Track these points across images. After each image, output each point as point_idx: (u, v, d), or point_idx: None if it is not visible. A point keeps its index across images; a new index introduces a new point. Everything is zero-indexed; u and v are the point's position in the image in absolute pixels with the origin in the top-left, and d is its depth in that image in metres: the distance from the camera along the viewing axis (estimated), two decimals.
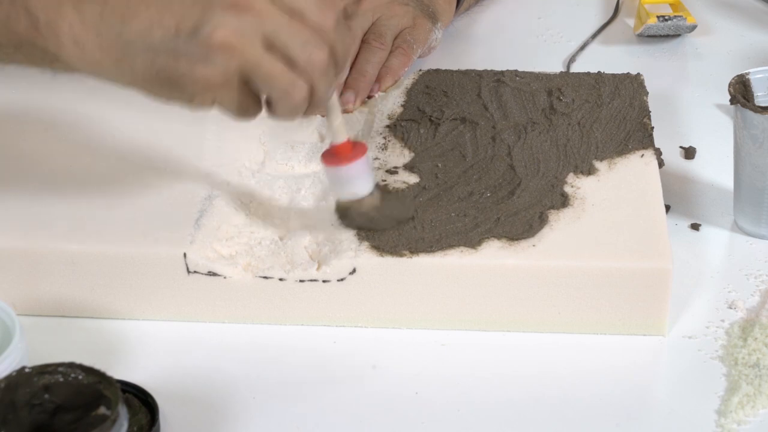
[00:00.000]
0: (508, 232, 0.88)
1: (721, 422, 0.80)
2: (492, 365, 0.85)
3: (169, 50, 0.77)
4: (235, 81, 0.78)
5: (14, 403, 0.74)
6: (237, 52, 0.77)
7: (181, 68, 0.78)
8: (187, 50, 0.77)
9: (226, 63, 0.77)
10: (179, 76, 0.78)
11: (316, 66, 0.79)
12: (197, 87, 0.78)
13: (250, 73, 0.78)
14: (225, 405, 0.81)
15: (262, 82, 0.79)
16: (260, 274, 0.87)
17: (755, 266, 0.94)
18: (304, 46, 0.78)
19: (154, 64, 0.78)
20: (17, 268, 0.88)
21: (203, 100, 0.79)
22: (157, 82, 0.79)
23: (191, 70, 0.77)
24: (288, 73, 0.78)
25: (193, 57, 0.77)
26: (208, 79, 0.78)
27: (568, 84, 1.05)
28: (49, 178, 0.94)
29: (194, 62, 0.77)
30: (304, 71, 0.79)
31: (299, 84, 0.79)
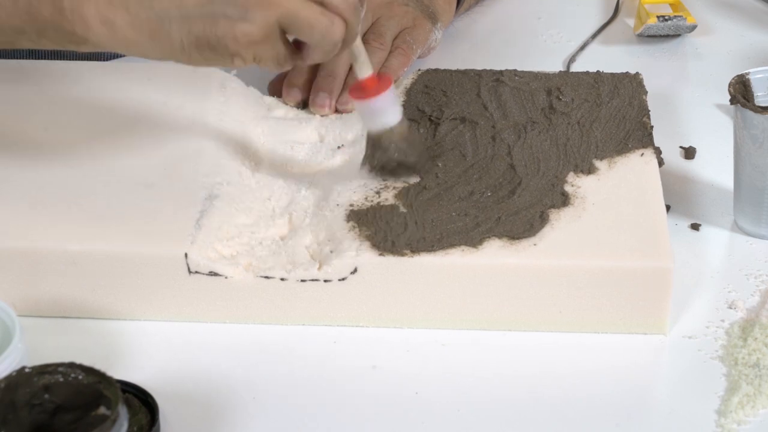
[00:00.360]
0: (508, 232, 0.88)
1: (721, 422, 0.80)
2: (492, 365, 0.85)
3: (205, 15, 0.79)
4: (275, 34, 0.81)
5: (14, 403, 0.74)
6: (274, 4, 0.80)
7: (221, 30, 0.79)
8: (225, 11, 0.79)
9: (266, 16, 0.80)
10: (220, 38, 0.79)
11: (349, 3, 0.83)
12: (239, 46, 0.80)
13: (290, 22, 0.81)
14: (225, 405, 0.81)
15: (302, 28, 0.81)
16: (261, 274, 0.87)
17: (755, 266, 0.94)
18: None
19: (191, 31, 0.79)
20: (17, 269, 0.88)
21: (246, 57, 0.81)
22: (196, 49, 0.80)
23: (232, 30, 0.79)
24: (326, 14, 0.81)
25: (231, 17, 0.79)
26: (249, 35, 0.79)
27: (568, 83, 1.05)
28: (49, 178, 0.94)
29: (234, 22, 0.79)
30: (338, 10, 0.82)
31: (337, 22, 0.82)
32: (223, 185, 0.93)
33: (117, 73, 1.06)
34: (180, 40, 0.80)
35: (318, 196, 0.93)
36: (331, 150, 0.99)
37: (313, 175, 0.96)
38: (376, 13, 1.10)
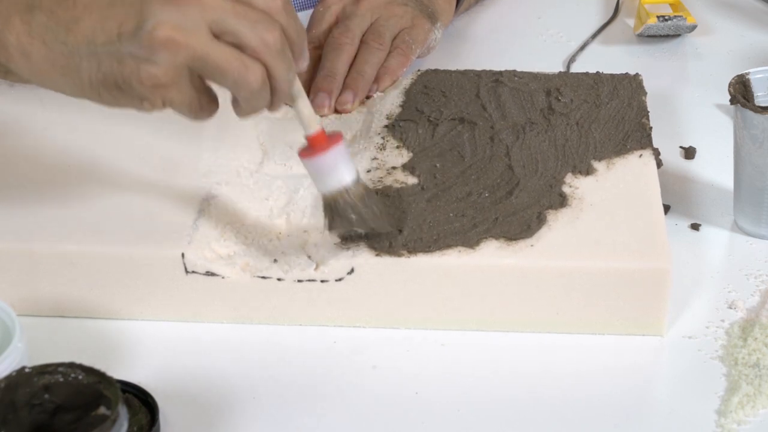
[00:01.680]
0: (506, 232, 0.88)
1: (721, 422, 0.80)
2: (492, 365, 0.85)
3: (112, 54, 0.76)
4: (184, 77, 0.77)
5: (14, 403, 0.74)
6: (182, 46, 0.75)
7: (127, 70, 0.76)
8: (131, 51, 0.76)
9: (172, 59, 0.75)
10: (125, 78, 0.76)
11: (270, 46, 0.77)
12: (144, 88, 0.76)
13: (200, 65, 0.76)
14: (225, 405, 0.81)
15: (213, 72, 0.76)
16: (258, 274, 0.87)
17: (755, 266, 0.94)
18: (253, 27, 0.76)
19: (99, 69, 0.77)
20: (17, 269, 0.88)
21: (153, 102, 0.78)
22: (105, 88, 0.78)
23: (137, 71, 0.76)
24: (240, 57, 0.76)
25: (137, 57, 0.76)
26: (155, 78, 0.76)
27: (567, 84, 1.05)
28: (49, 178, 0.94)
29: (139, 63, 0.76)
30: (257, 53, 0.77)
31: (253, 67, 0.77)
32: (221, 185, 0.93)
33: None
34: (89, 78, 0.78)
35: (316, 196, 0.93)
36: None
37: None
38: (375, 13, 1.11)
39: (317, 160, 0.83)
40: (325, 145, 0.83)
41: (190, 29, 0.75)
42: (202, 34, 0.76)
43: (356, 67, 1.07)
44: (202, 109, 0.79)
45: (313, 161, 0.84)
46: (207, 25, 0.76)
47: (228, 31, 0.76)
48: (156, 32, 0.75)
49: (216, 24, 0.76)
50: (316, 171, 0.84)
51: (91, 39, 0.77)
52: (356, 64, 1.07)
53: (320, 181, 0.84)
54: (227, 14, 0.76)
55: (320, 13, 1.13)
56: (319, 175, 0.84)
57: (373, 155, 0.97)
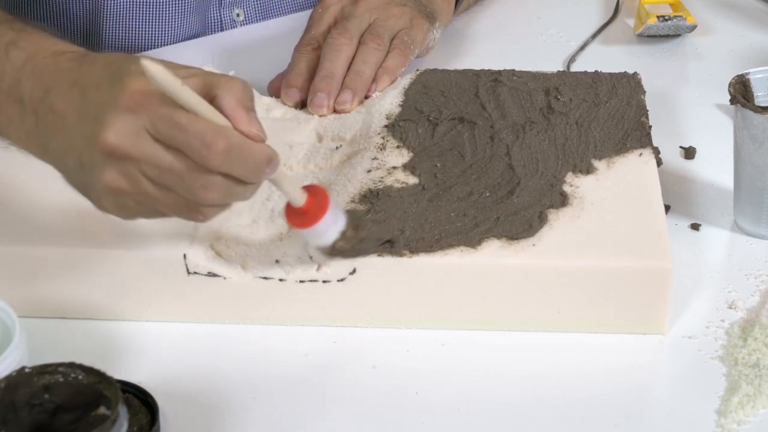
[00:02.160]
0: (507, 232, 0.88)
1: (721, 422, 0.80)
2: (492, 365, 0.85)
3: (79, 178, 0.79)
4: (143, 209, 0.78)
5: (14, 403, 0.74)
6: (127, 193, 0.77)
7: (92, 196, 0.79)
8: (92, 184, 0.78)
9: (124, 201, 0.77)
10: (93, 201, 0.79)
11: (210, 202, 0.77)
12: (111, 213, 0.79)
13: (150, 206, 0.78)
14: (225, 405, 0.81)
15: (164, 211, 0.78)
16: (260, 274, 0.87)
17: (755, 266, 0.94)
18: (190, 189, 0.76)
19: (74, 184, 0.79)
20: (17, 269, 0.88)
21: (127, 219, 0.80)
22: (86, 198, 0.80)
23: (99, 200, 0.78)
24: (188, 204, 0.77)
25: (97, 191, 0.78)
26: (115, 211, 0.78)
27: (566, 83, 1.05)
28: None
29: (99, 194, 0.78)
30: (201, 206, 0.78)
31: (204, 211, 0.78)
32: None
33: None
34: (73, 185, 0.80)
35: None
36: (329, 150, 0.99)
37: (312, 176, 0.96)
38: (373, 13, 1.11)
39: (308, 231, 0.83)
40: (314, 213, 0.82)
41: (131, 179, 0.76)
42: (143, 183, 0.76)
43: (355, 68, 1.07)
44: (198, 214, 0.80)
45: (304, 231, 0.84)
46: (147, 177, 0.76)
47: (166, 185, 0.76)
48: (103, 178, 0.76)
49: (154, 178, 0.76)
50: (309, 236, 0.84)
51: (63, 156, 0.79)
52: (355, 64, 1.07)
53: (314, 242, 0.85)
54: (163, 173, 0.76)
55: (319, 14, 1.13)
56: (313, 237, 0.84)
57: (373, 155, 0.97)
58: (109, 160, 0.76)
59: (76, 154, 0.78)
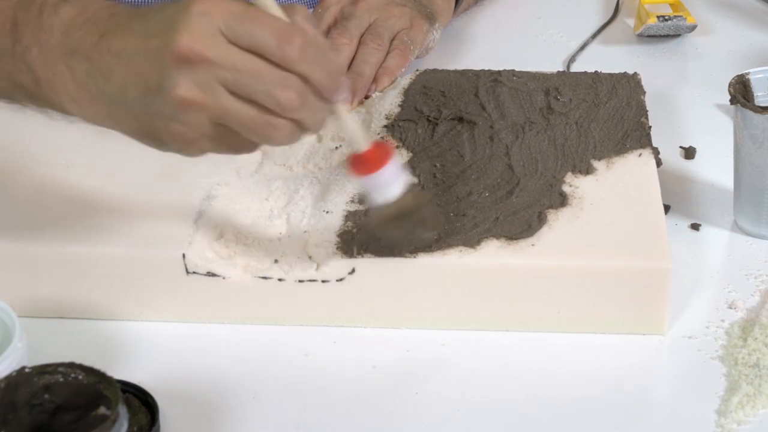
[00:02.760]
0: (507, 232, 0.88)
1: (721, 422, 0.80)
2: (491, 365, 0.85)
3: (143, 109, 0.76)
4: (214, 131, 0.76)
5: (14, 403, 0.74)
6: (202, 106, 0.74)
7: (157, 126, 0.76)
8: (159, 109, 0.75)
9: (196, 118, 0.75)
10: (158, 133, 0.76)
11: (287, 107, 0.75)
12: (177, 143, 0.76)
13: (224, 122, 0.75)
14: (225, 405, 0.81)
15: (237, 128, 0.76)
16: (259, 274, 0.87)
17: (755, 266, 0.94)
18: (267, 89, 0.74)
19: (136, 120, 0.77)
20: (17, 269, 0.88)
21: (192, 152, 0.77)
22: (144, 137, 0.78)
23: (166, 127, 0.76)
24: (262, 116, 0.75)
25: (164, 115, 0.75)
26: (184, 135, 0.76)
27: (566, 83, 1.05)
28: (49, 178, 0.94)
29: (167, 120, 0.75)
30: (277, 112, 0.75)
31: (278, 123, 0.75)
32: (221, 186, 0.93)
33: None
34: (129, 127, 0.78)
35: (316, 197, 0.93)
36: (329, 150, 0.99)
37: (311, 176, 0.96)
38: (373, 13, 1.11)
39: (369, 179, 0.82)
40: (376, 162, 0.81)
41: (207, 89, 0.74)
42: (219, 93, 0.74)
43: (355, 68, 1.07)
44: (244, 147, 0.78)
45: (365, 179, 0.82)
46: (222, 84, 0.75)
47: (244, 92, 0.75)
48: (175, 93, 0.74)
49: (231, 85, 0.75)
50: (369, 187, 0.82)
51: (123, 92, 0.76)
52: (355, 64, 1.07)
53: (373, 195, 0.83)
54: (240, 74, 0.74)
55: (319, 14, 1.13)
56: (372, 189, 0.82)
57: None
58: (182, 69, 0.74)
59: (141, 80, 0.75)
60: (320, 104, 0.77)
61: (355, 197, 0.92)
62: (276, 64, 0.74)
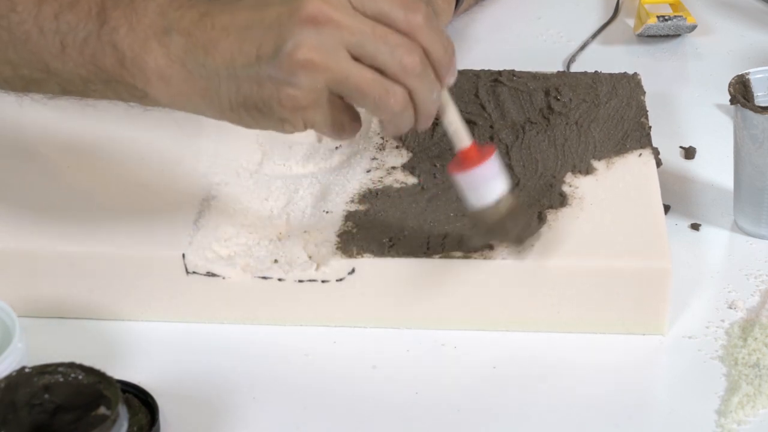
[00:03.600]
0: None
1: (721, 422, 0.80)
2: (492, 365, 0.85)
3: (252, 76, 0.75)
4: (325, 98, 0.76)
5: (14, 403, 0.74)
6: (321, 67, 0.74)
7: (266, 93, 0.75)
8: (270, 74, 0.75)
9: (312, 81, 0.75)
10: (265, 101, 0.76)
11: (410, 70, 0.76)
12: (285, 110, 0.76)
13: (340, 87, 0.75)
14: (225, 405, 0.81)
15: (353, 94, 0.76)
16: (259, 274, 0.87)
17: (755, 266, 0.94)
18: (392, 51, 0.75)
19: (239, 92, 0.76)
20: (16, 270, 0.88)
21: (295, 123, 0.77)
22: (245, 110, 0.77)
23: (277, 93, 0.75)
24: (380, 81, 0.75)
25: (276, 80, 0.75)
26: (295, 100, 0.75)
27: (566, 84, 1.05)
28: (48, 179, 0.94)
29: (279, 85, 0.75)
30: (397, 77, 0.76)
31: (394, 90, 0.76)
32: (220, 186, 0.93)
33: None
34: (228, 100, 0.77)
35: (316, 197, 0.93)
36: (329, 150, 0.99)
37: (311, 176, 0.96)
38: None
39: (467, 175, 0.81)
40: (477, 159, 0.80)
41: (330, 51, 0.74)
42: (341, 56, 0.75)
43: None
44: (344, 129, 0.78)
45: (463, 176, 0.81)
46: (346, 47, 0.75)
47: (367, 54, 0.75)
48: (295, 54, 0.74)
49: (355, 47, 0.75)
50: (467, 185, 0.81)
51: (230, 61, 0.76)
52: None
53: (471, 195, 0.82)
54: (366, 37, 0.75)
55: None
56: (469, 188, 0.81)
57: (373, 155, 0.97)
58: (307, 31, 0.74)
59: (253, 47, 0.75)
60: (435, 82, 0.78)
61: (355, 197, 0.92)
62: (401, 32, 0.76)
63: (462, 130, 0.81)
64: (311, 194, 0.94)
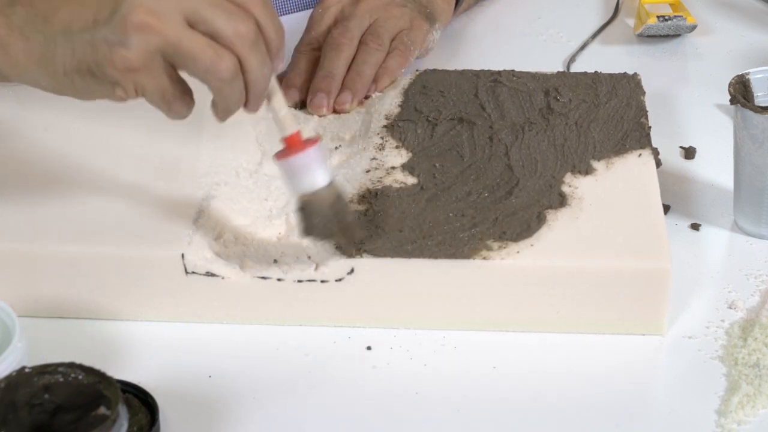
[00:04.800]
0: (506, 232, 0.88)
1: (721, 422, 0.80)
2: (491, 365, 0.85)
3: (87, 40, 0.78)
4: (157, 63, 0.78)
5: (14, 403, 0.74)
6: (155, 30, 0.77)
7: (100, 54, 0.78)
8: (105, 36, 0.77)
9: (145, 43, 0.77)
10: (98, 62, 0.78)
11: (244, 37, 0.78)
12: (117, 72, 0.78)
13: (172, 51, 0.77)
14: (225, 405, 0.82)
15: (185, 58, 0.78)
16: (258, 274, 0.87)
17: (755, 266, 0.94)
18: (227, 19, 0.77)
19: (73, 55, 0.79)
20: (16, 270, 0.88)
21: (126, 86, 0.79)
22: (78, 75, 0.79)
23: (110, 54, 0.77)
24: (213, 45, 0.77)
25: (110, 41, 0.77)
26: (127, 62, 0.77)
27: (565, 84, 1.05)
28: (48, 179, 0.94)
29: (112, 46, 0.77)
30: (231, 43, 0.78)
31: (225, 56, 0.77)
32: (220, 186, 0.93)
33: None
34: (63, 65, 0.79)
35: None
36: (328, 150, 1.00)
37: None
38: (373, 14, 1.11)
39: (289, 161, 0.83)
40: (300, 147, 0.83)
41: (165, 15, 0.77)
42: (176, 21, 0.77)
43: (355, 68, 1.07)
44: (175, 100, 0.80)
45: (285, 162, 0.83)
46: (182, 13, 0.77)
47: (202, 20, 0.78)
48: (130, 16, 0.77)
49: (191, 13, 0.77)
50: (289, 172, 0.84)
51: (67, 26, 0.79)
52: (355, 64, 1.07)
53: (293, 182, 0.84)
54: (203, 4, 0.78)
55: (319, 15, 1.13)
56: (292, 175, 0.84)
57: (372, 155, 0.97)
58: None
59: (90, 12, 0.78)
60: (267, 57, 0.79)
61: (354, 197, 0.92)
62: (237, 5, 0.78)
63: (288, 118, 0.83)
64: None
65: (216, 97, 0.80)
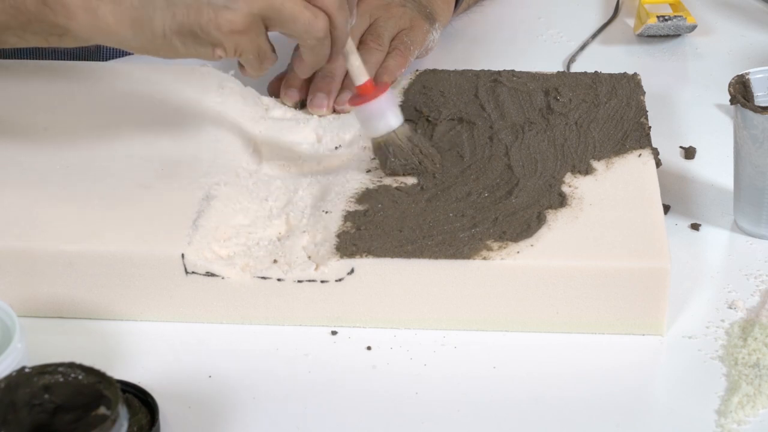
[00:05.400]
0: (506, 232, 0.88)
1: (721, 422, 0.80)
2: (492, 365, 0.85)
3: (190, 4, 0.82)
4: (257, 25, 0.84)
5: (14, 403, 0.74)
6: None
7: (204, 17, 0.82)
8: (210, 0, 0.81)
9: (249, 6, 0.83)
10: (203, 26, 0.82)
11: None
12: (221, 34, 0.82)
13: (274, 14, 0.84)
14: (225, 405, 0.82)
15: (285, 20, 0.84)
16: (258, 274, 0.87)
17: (755, 266, 0.94)
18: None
19: (174, 19, 0.82)
20: (16, 270, 0.88)
21: (227, 47, 0.83)
22: (178, 37, 0.83)
23: (215, 17, 0.82)
24: (309, 7, 0.84)
25: (215, 4, 0.82)
26: (232, 24, 0.82)
27: (565, 84, 1.05)
28: (48, 178, 0.94)
29: (217, 9, 0.82)
30: (322, 4, 0.85)
31: (320, 16, 0.85)
32: (220, 186, 0.93)
33: (115, 74, 1.06)
34: (162, 28, 0.83)
35: (315, 197, 0.93)
36: (328, 150, 1.00)
37: (311, 176, 0.96)
38: (373, 14, 1.11)
39: (365, 108, 0.93)
40: (373, 94, 0.92)
41: None
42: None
43: None
44: (266, 59, 0.87)
45: (361, 108, 0.93)
46: None
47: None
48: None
49: None
50: (364, 117, 0.93)
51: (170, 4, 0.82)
52: None
53: (369, 126, 0.94)
54: None
55: None
56: (367, 121, 0.93)
57: (373, 155, 0.97)
58: None
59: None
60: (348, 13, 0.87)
61: (354, 197, 0.92)
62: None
63: (361, 68, 0.93)
64: (311, 194, 0.94)
65: (307, 55, 0.88)
